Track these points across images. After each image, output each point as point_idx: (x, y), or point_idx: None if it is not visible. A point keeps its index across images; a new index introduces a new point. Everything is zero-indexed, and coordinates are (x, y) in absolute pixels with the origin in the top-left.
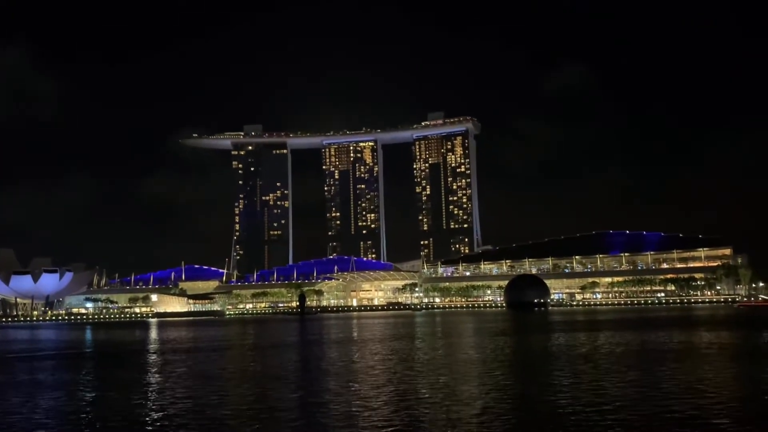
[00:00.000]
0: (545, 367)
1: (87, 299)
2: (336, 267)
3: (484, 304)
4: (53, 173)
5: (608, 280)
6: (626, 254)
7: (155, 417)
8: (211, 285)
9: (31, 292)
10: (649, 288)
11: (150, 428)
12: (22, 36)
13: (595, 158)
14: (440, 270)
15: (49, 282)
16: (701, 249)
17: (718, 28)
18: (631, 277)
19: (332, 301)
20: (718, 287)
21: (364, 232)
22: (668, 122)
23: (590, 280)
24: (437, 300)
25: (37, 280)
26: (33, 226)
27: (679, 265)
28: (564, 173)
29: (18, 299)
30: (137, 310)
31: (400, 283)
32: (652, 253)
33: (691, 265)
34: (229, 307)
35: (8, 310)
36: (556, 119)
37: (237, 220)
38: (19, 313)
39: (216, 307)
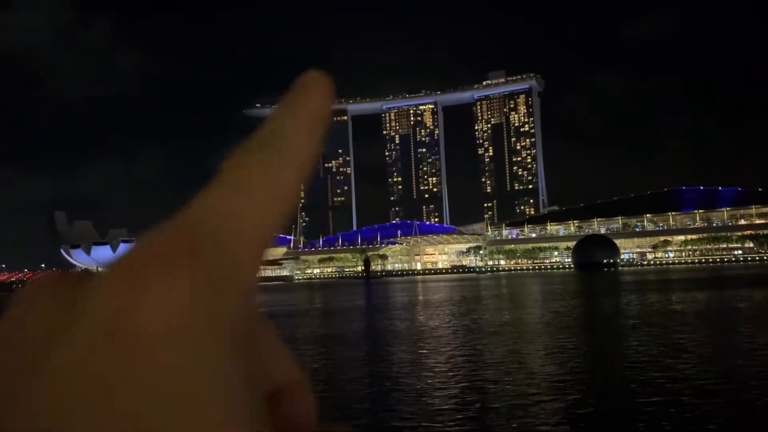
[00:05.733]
0: (621, 330)
1: None
2: (399, 231)
3: (551, 265)
4: (126, 148)
5: (681, 238)
6: (700, 211)
7: None
8: (279, 251)
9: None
10: (725, 245)
11: None
12: (108, 11)
13: (665, 114)
14: (505, 232)
15: None
16: None
17: None
18: (705, 235)
19: (396, 266)
20: None
21: (426, 196)
22: (749, 80)
23: (662, 238)
24: (502, 262)
25: (116, 250)
26: (108, 199)
27: (758, 221)
28: (634, 129)
29: (99, 269)
30: None
31: (463, 246)
32: (728, 209)
33: None
34: (298, 272)
35: None
36: (625, 72)
37: (301, 187)
38: None
39: (285, 273)
